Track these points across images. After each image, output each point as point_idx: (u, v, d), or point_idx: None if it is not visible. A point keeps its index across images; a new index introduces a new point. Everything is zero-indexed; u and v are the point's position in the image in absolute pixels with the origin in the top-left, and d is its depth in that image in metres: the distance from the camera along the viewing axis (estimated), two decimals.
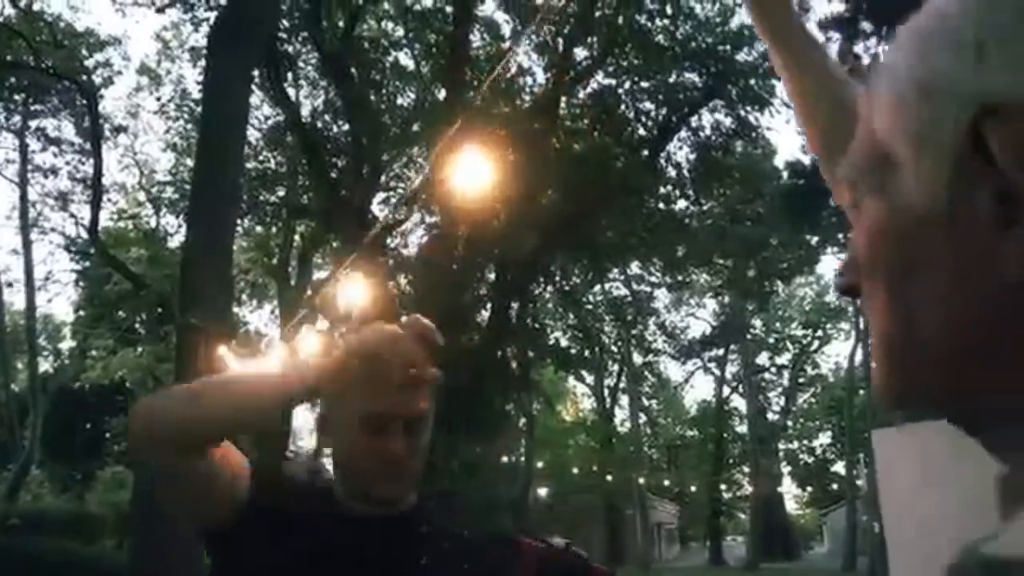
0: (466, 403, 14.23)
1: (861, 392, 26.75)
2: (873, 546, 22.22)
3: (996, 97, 0.35)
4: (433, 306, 14.17)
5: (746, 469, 34.00)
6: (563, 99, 15.41)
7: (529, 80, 16.39)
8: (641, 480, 29.46)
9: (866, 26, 18.33)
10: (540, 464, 30.41)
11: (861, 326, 24.47)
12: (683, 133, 18.45)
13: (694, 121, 18.28)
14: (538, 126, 14.00)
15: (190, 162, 15.39)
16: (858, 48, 19.43)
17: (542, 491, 29.61)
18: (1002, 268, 0.36)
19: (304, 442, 20.25)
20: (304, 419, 15.91)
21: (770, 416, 35.22)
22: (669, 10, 16.29)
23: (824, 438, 38.30)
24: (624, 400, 32.84)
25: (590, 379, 33.25)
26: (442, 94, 15.20)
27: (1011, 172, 0.34)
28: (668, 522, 41.17)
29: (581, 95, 16.44)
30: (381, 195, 17.62)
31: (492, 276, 17.29)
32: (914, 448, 3.91)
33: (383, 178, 16.84)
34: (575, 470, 30.29)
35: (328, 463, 1.17)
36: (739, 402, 34.58)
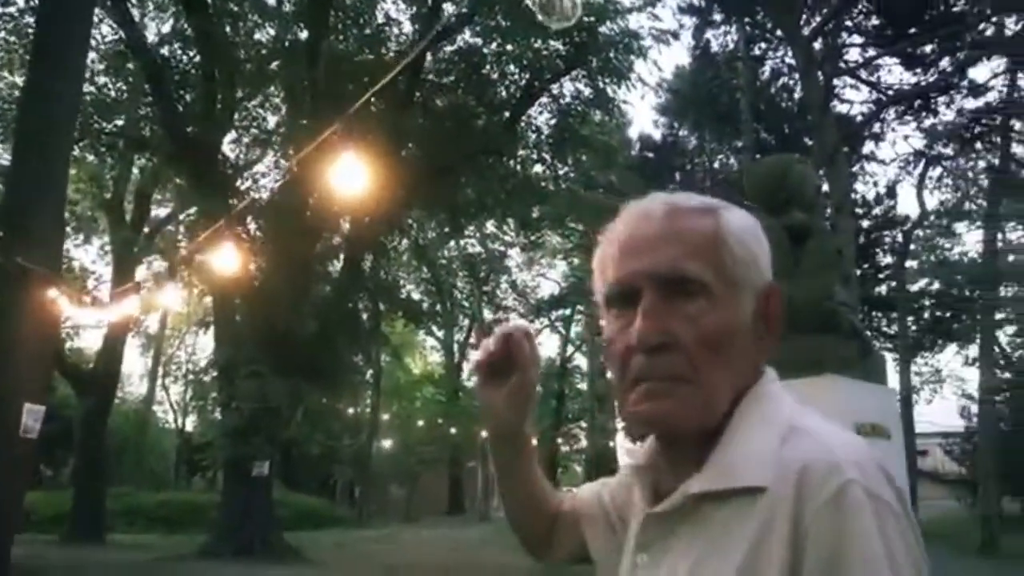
0: (314, 353, 14.16)
1: None
2: None
3: (772, 283, 0.78)
4: (283, 254, 13.91)
5: (583, 425, 35.73)
6: (428, 54, 15.30)
7: (395, 31, 16.17)
8: (485, 434, 30.30)
9: (717, 16, 19.46)
10: (386, 416, 30.58)
11: None
12: (544, 99, 18.88)
13: (555, 88, 18.74)
14: (401, 77, 13.88)
15: (18, 80, 14.08)
16: (708, 35, 20.60)
17: (387, 443, 29.88)
18: (758, 359, 0.76)
19: None
20: None
21: (609, 375, 37.04)
22: None
23: None
24: (472, 355, 33.45)
25: (440, 334, 33.67)
26: (304, 35, 14.69)
27: (773, 317, 0.77)
28: None
29: (447, 51, 16.40)
30: (232, 134, 16.93)
31: (346, 227, 17.09)
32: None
33: (236, 117, 16.12)
34: (421, 423, 30.71)
35: None
36: (581, 361, 36.19)
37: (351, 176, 5.59)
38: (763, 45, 20.38)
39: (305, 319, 14.35)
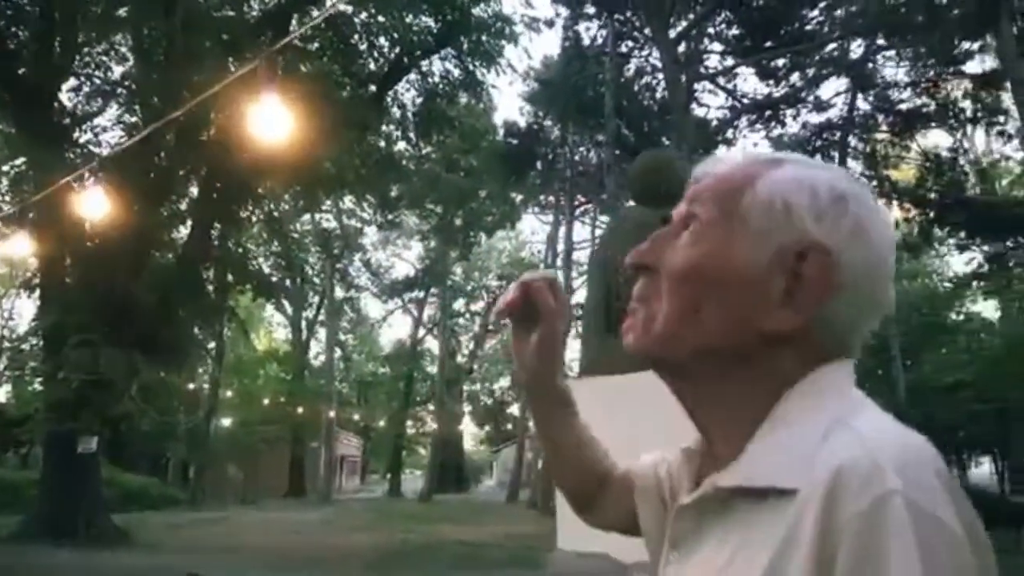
0: (153, 324, 13.17)
1: None
2: (535, 480, 24.78)
3: (816, 244, 0.63)
4: (124, 216, 12.79)
5: (431, 408, 35.70)
6: (295, 17, 14.56)
7: None
8: (332, 414, 29.58)
9: (590, 9, 19.82)
10: (229, 393, 29.15)
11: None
12: (412, 76, 18.55)
13: (424, 66, 18.45)
14: (265, 39, 13.11)
15: None
16: (579, 27, 20.95)
17: (226, 421, 28.49)
18: (764, 323, 0.63)
19: None
20: None
21: (459, 359, 37.25)
22: None
23: (504, 382, 41.48)
24: (321, 333, 32.54)
25: (289, 309, 32.46)
26: None
27: (805, 284, 0.63)
28: (352, 455, 41.93)
29: (315, 15, 15.65)
30: (72, 81, 15.39)
31: (195, 192, 16.02)
32: (589, 397, 4.80)
33: (76, 62, 14.64)
34: (265, 401, 29.50)
35: None
36: (432, 344, 36.07)
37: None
38: (630, 43, 20.95)
39: (146, 286, 13.32)
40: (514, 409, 38.21)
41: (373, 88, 17.20)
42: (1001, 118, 19.04)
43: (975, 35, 15.14)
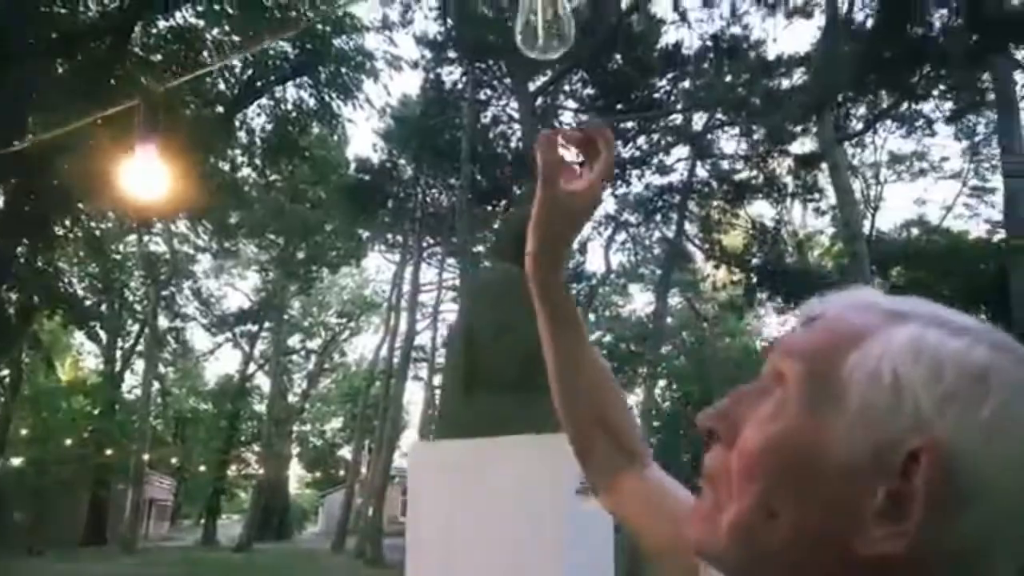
0: None
1: (377, 384, 28.57)
2: (365, 528, 23.82)
3: (936, 441, 0.45)
4: None
5: (256, 448, 33.70)
6: (140, 24, 13.52)
7: None
8: (146, 456, 27.12)
9: (452, 54, 19.93)
10: (24, 430, 26.05)
11: (391, 323, 26.14)
12: (265, 101, 17.84)
13: (278, 92, 17.81)
14: (104, 44, 12.05)
15: None
16: (440, 70, 21.02)
17: (16, 460, 25.33)
18: (858, 543, 0.46)
19: None
20: None
21: (290, 398, 35.52)
22: None
23: (336, 423, 39.97)
24: (140, 365, 29.97)
25: (103, 337, 29.64)
26: None
27: (918, 497, 0.45)
28: (163, 499, 38.60)
29: (162, 26, 14.68)
30: None
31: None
32: (444, 461, 4.61)
33: None
34: (68, 441, 26.57)
35: None
36: (262, 380, 34.20)
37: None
38: (489, 91, 21.25)
39: None
40: (345, 452, 36.90)
41: (221, 109, 16.33)
42: (817, 195, 20.93)
43: (803, 121, 16.55)
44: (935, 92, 16.47)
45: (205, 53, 15.88)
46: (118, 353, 29.94)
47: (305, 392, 36.38)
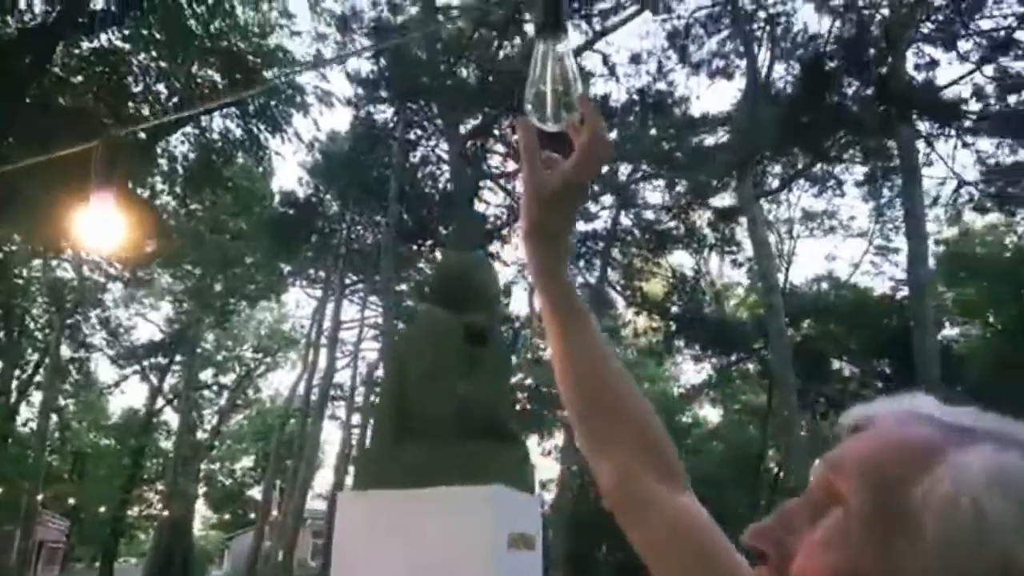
0: None
1: (292, 421, 27.76)
2: (273, 571, 22.91)
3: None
4: None
5: (160, 487, 32.11)
6: (62, 44, 13.09)
7: (23, 3, 13.58)
8: (39, 495, 25.47)
9: (384, 94, 19.98)
10: None
11: (310, 360, 25.58)
12: (189, 129, 17.44)
13: (204, 120, 17.44)
14: (24, 61, 11.59)
15: None
16: (371, 108, 21.01)
17: None
18: None
19: None
20: None
21: (200, 434, 34.08)
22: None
23: (247, 461, 38.50)
24: (37, 396, 28.28)
25: None
26: None
27: None
28: (54, 541, 36.20)
29: (85, 47, 14.25)
30: None
31: None
32: (373, 512, 4.57)
33: None
34: None
35: None
36: (171, 416, 32.75)
37: None
38: (419, 131, 21.34)
39: None
40: (255, 492, 35.57)
41: (142, 135, 15.87)
42: (735, 248, 21.70)
43: (725, 177, 17.20)
44: (846, 156, 17.40)
45: (130, 77, 15.50)
46: (14, 384, 28.22)
47: (216, 428, 35.00)
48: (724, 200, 20.32)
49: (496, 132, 20.60)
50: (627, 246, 22.18)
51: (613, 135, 19.85)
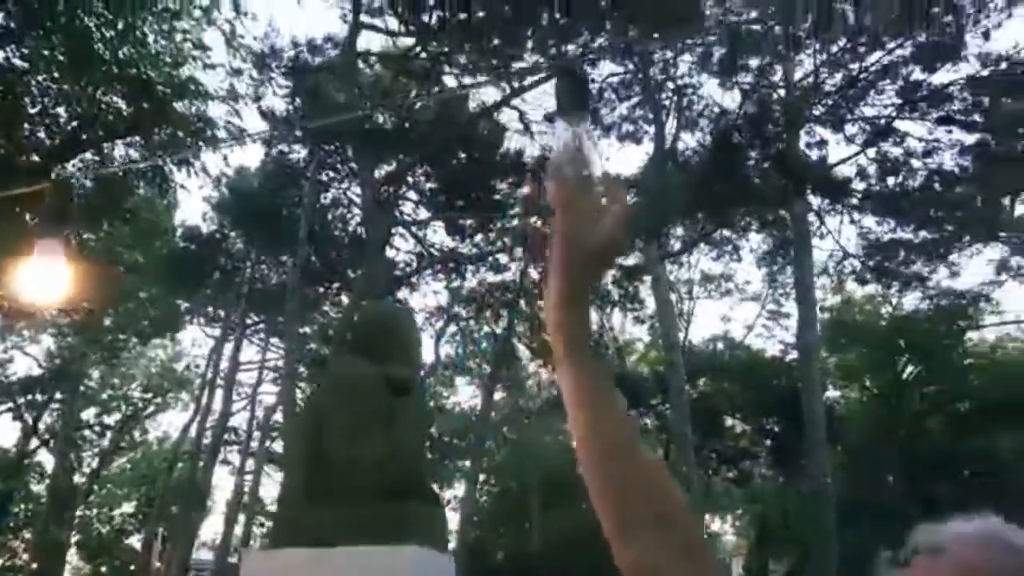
0: None
1: (181, 465, 26.42)
2: None
3: None
4: None
5: (28, 535, 29.75)
6: None
7: None
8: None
9: (298, 133, 19.79)
10: None
11: (204, 401, 24.54)
12: (89, 155, 16.78)
13: (106, 148, 16.84)
14: None
15: None
16: (285, 148, 20.75)
17: None
18: None
19: None
20: None
21: (77, 478, 31.83)
22: (120, 24, 15.04)
23: (127, 507, 36.15)
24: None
25: None
26: None
27: None
28: None
29: None
30: None
31: None
32: (282, 572, 4.45)
33: None
34: None
35: None
36: (46, 457, 30.52)
37: None
38: (332, 173, 21.19)
39: None
40: (135, 540, 33.42)
41: (36, 158, 15.16)
42: (638, 305, 22.35)
43: (632, 239, 17.81)
44: (744, 224, 18.35)
45: (27, 98, 14.85)
46: None
47: (96, 471, 32.82)
48: (629, 259, 20.98)
49: (410, 179, 20.71)
50: (534, 298, 22.50)
51: (526, 190, 20.29)
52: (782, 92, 16.29)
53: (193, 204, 48.75)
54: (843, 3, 15.52)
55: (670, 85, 17.85)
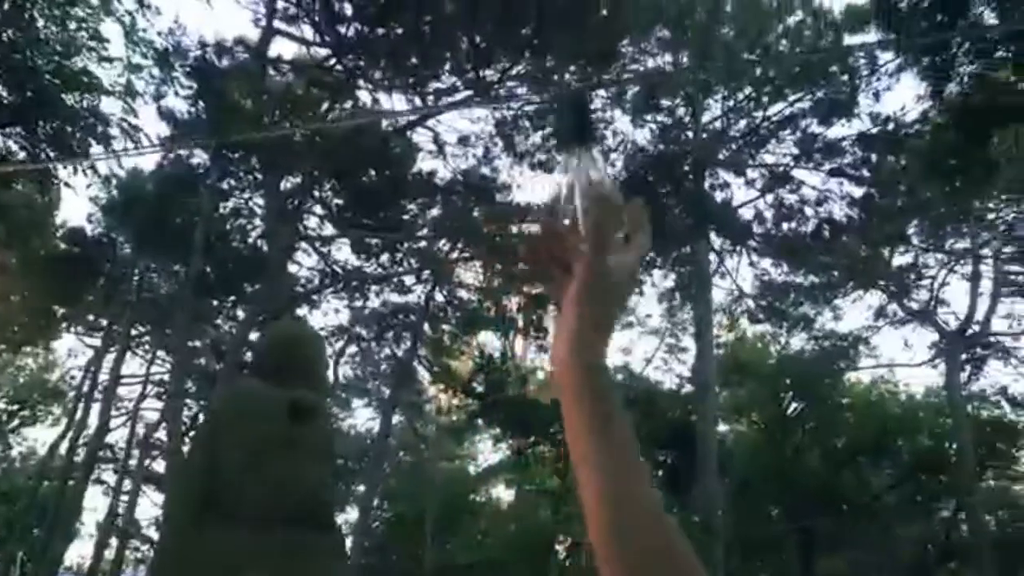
0: None
1: (45, 484, 24.55)
2: None
3: None
4: None
5: None
6: None
7: None
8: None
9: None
10: None
11: (78, 416, 22.92)
12: None
13: None
14: None
15: None
16: (180, 150, 19.85)
17: None
18: None
19: None
20: None
21: None
22: (5, 4, 14.19)
23: None
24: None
25: None
26: None
27: None
28: None
29: None
30: None
31: None
32: None
33: None
34: None
35: None
36: None
37: None
38: (234, 181, 20.39)
39: None
40: None
41: None
42: (542, 333, 22.45)
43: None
44: (648, 259, 18.76)
45: None
46: None
47: None
48: (536, 288, 21.07)
49: (317, 193, 20.17)
50: (438, 322, 22.27)
51: (435, 211, 20.13)
52: (690, 134, 16.86)
53: (79, 204, 45.93)
54: (750, 55, 16.27)
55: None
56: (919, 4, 10.57)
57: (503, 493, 28.65)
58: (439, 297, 21.36)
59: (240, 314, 20.34)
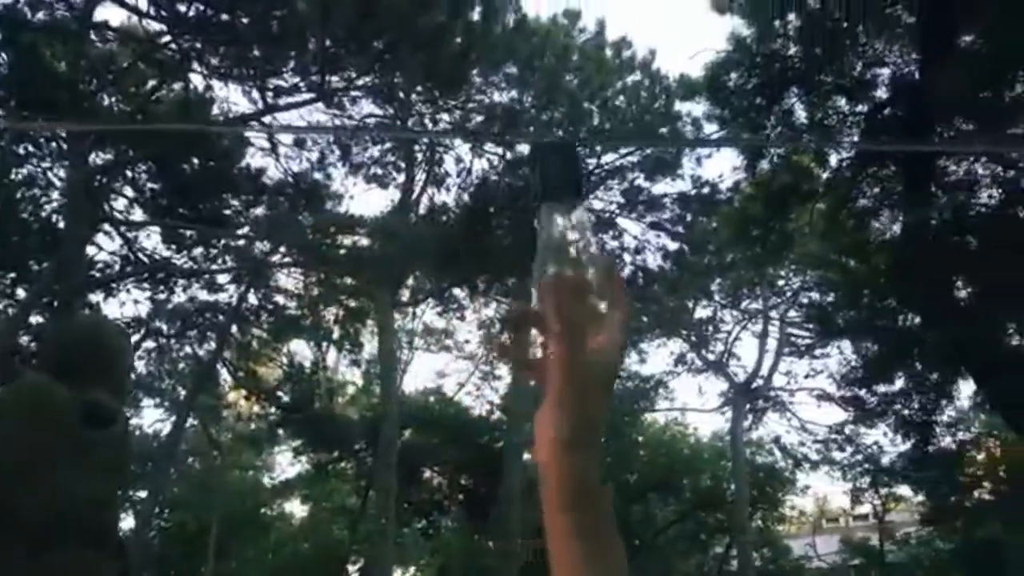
0: None
1: None
2: None
3: None
4: None
5: None
6: None
7: None
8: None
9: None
10: None
11: None
12: None
13: None
14: None
15: None
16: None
17: None
18: None
19: None
20: None
21: None
22: None
23: None
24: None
25: None
26: None
27: None
28: None
29: None
30: None
31: None
32: None
33: None
34: None
35: None
36: None
37: None
38: (31, 147, 18.39)
39: None
40: None
41: None
42: (357, 348, 22.02)
43: (373, 281, 17.57)
44: (475, 286, 19.01)
45: None
46: None
47: None
48: (354, 301, 20.66)
49: (129, 174, 18.64)
50: (248, 325, 21.19)
51: (259, 211, 19.23)
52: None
53: None
54: (591, 104, 17.10)
55: (425, 140, 18.18)
56: (744, 85, 11.62)
57: (298, 508, 27.61)
58: (252, 299, 20.37)
59: (21, 293, 18.26)
